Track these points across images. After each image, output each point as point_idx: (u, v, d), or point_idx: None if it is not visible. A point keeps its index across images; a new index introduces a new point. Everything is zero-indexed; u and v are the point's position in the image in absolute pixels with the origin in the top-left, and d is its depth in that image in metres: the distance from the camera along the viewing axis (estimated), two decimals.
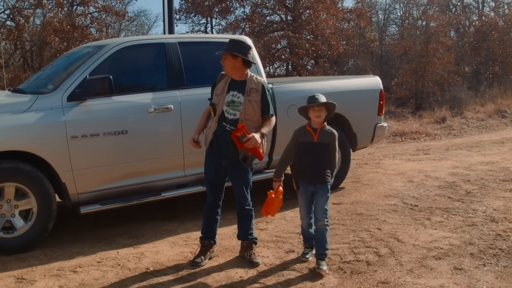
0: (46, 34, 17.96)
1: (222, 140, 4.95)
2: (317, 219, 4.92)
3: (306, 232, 5.20)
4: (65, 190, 5.66)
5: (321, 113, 4.92)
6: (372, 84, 8.24)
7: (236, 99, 4.94)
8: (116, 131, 5.80)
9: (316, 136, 4.94)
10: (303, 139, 5.01)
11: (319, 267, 4.80)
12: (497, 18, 28.17)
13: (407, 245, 5.46)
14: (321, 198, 4.93)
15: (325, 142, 4.95)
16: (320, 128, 4.96)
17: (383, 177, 8.84)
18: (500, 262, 4.96)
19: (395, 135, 15.22)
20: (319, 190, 4.94)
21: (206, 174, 5.18)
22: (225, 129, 4.91)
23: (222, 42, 7.02)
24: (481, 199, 7.14)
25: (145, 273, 4.88)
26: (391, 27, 38.47)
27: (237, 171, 5.06)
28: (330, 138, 4.96)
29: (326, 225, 4.89)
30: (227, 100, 4.93)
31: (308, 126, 5.02)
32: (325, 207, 4.91)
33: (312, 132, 4.97)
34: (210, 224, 5.21)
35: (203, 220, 5.23)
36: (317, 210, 4.93)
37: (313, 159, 4.95)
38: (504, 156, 10.55)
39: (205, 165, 5.18)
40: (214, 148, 5.02)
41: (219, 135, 4.95)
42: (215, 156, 5.04)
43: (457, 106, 19.92)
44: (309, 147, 4.97)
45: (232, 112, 4.92)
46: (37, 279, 4.75)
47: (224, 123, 4.92)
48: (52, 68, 6.82)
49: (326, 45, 24.25)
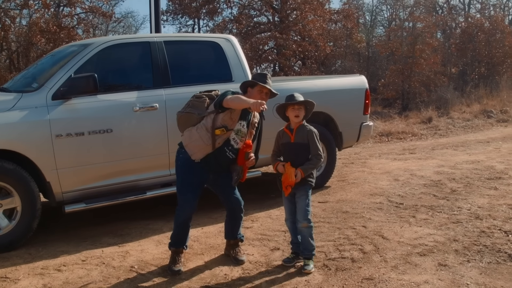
0: (33, 34, 17.88)
1: (219, 162, 4.86)
2: (298, 221, 4.90)
3: (292, 235, 5.12)
4: (50, 189, 5.64)
5: (300, 112, 4.87)
6: (358, 83, 8.27)
7: (243, 129, 4.89)
8: (101, 130, 5.79)
9: (292, 137, 4.91)
10: (282, 140, 5.00)
11: (304, 267, 4.82)
12: (483, 19, 28.35)
13: (392, 242, 5.48)
14: (299, 199, 4.89)
15: (302, 142, 4.88)
16: (296, 128, 4.92)
17: (369, 176, 8.87)
18: (484, 258, 5.00)
19: (381, 135, 15.28)
20: (297, 191, 4.89)
21: (190, 179, 4.88)
22: (225, 154, 4.85)
23: (207, 41, 7.08)
24: (466, 197, 7.19)
25: (130, 272, 4.87)
26: (378, 28, 38.69)
27: (227, 178, 5.01)
28: (308, 136, 4.87)
29: (308, 227, 4.87)
30: (236, 128, 4.83)
31: (285, 127, 5.01)
32: (305, 208, 4.86)
33: (288, 133, 4.95)
34: (185, 234, 4.99)
35: (178, 230, 4.93)
36: (298, 212, 4.90)
37: (291, 160, 4.87)
38: (489, 155, 10.62)
39: (186, 170, 4.89)
40: (208, 164, 4.84)
41: (219, 158, 4.83)
42: (202, 167, 4.87)
43: (443, 107, 20.06)
44: (287, 148, 4.95)
45: (238, 141, 4.88)
46: (21, 278, 4.73)
47: (226, 148, 4.83)
48: (37, 67, 6.80)
49: (313, 46, 24.30)
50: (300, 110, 4.88)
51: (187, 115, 4.88)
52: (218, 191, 5.14)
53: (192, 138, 4.78)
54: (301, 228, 4.88)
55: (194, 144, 4.77)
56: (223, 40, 6.99)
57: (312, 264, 4.86)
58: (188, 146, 4.82)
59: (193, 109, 4.88)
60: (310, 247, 4.90)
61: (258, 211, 6.85)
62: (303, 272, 4.76)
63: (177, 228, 4.95)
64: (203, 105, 4.86)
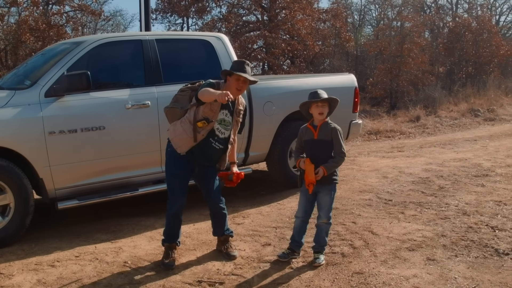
0: (21, 32, 17.77)
1: (206, 154, 4.90)
2: (320, 216, 4.96)
3: (295, 233, 5.11)
4: (43, 186, 5.67)
5: (324, 109, 4.85)
6: (347, 82, 8.34)
7: (227, 118, 4.91)
8: (93, 127, 5.83)
9: (316, 133, 4.88)
10: (305, 137, 4.97)
11: (315, 260, 4.89)
12: (470, 19, 28.51)
13: (381, 237, 5.57)
14: (323, 198, 4.91)
15: (326, 139, 4.85)
16: (320, 125, 4.89)
17: (358, 173, 8.96)
18: (471, 253, 5.10)
19: (370, 133, 15.38)
20: (321, 190, 4.89)
21: (176, 173, 4.94)
22: (211, 145, 4.88)
23: (198, 39, 7.12)
24: (454, 194, 7.30)
25: (123, 267, 4.92)
26: (367, 27, 38.82)
27: (211, 173, 5.07)
28: (332, 133, 4.83)
29: (328, 223, 4.96)
30: (219, 117, 4.85)
31: (309, 124, 4.98)
32: (329, 207, 4.92)
33: (312, 129, 4.91)
34: (177, 228, 5.06)
35: (170, 224, 5.01)
36: (320, 209, 4.95)
37: (315, 157, 4.83)
38: (476, 153, 10.76)
39: (173, 164, 4.97)
40: (194, 156, 4.88)
41: (205, 149, 4.87)
42: (188, 160, 4.92)
43: (431, 105, 20.19)
44: (310, 145, 4.90)
45: (223, 131, 4.90)
46: (15, 274, 4.76)
47: (211, 139, 4.86)
48: (29, 65, 6.81)
49: (302, 45, 24.34)
50: (324, 107, 4.86)
51: (172, 110, 4.96)
52: (201, 185, 5.17)
53: (177, 132, 4.85)
54: (321, 224, 4.96)
55: (179, 137, 4.84)
56: (214, 39, 7.05)
57: (323, 257, 4.94)
58: (174, 140, 4.89)
59: (176, 103, 4.97)
60: (324, 242, 4.99)
61: (249, 207, 6.92)
62: (314, 265, 4.84)
63: (168, 222, 5.02)
64: (186, 99, 4.93)
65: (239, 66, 4.88)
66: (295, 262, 4.96)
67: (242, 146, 6.92)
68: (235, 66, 4.91)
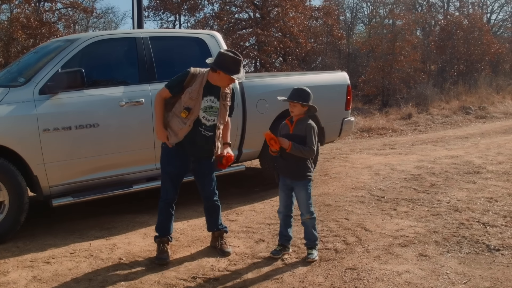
0: (13, 30, 17.71)
1: (198, 144, 4.93)
2: (302, 213, 5.01)
3: (282, 228, 5.16)
4: (37, 183, 5.67)
5: (295, 108, 4.90)
6: (340, 80, 8.39)
7: (214, 105, 4.93)
8: (88, 124, 5.83)
9: (292, 128, 4.94)
10: (283, 131, 5.02)
11: (308, 256, 4.94)
12: (461, 17, 28.66)
13: (374, 233, 5.62)
14: (299, 194, 4.98)
15: (300, 134, 4.88)
16: (296, 120, 4.95)
17: (350, 171, 9.01)
18: (463, 249, 5.15)
19: (362, 131, 15.45)
20: (296, 186, 4.97)
21: (168, 170, 5.03)
22: (201, 133, 4.91)
23: (192, 37, 7.15)
24: (445, 191, 7.36)
25: (118, 263, 4.94)
26: (358, 25, 38.91)
27: (205, 166, 5.11)
28: (306, 129, 4.88)
29: (311, 218, 4.99)
30: (204, 105, 4.86)
31: (287, 119, 5.05)
32: (307, 202, 4.95)
33: (289, 124, 4.99)
34: (168, 221, 5.09)
35: (161, 218, 5.07)
36: (300, 205, 5.00)
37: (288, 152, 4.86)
38: (467, 151, 10.84)
39: (166, 161, 5.06)
40: (185, 148, 4.94)
41: (195, 139, 4.90)
42: (182, 153, 4.97)
43: (423, 103, 20.29)
44: (286, 139, 4.90)
45: (209, 118, 4.92)
46: (10, 271, 4.77)
47: (200, 128, 4.89)
48: (22, 62, 6.82)
49: (294, 43, 24.40)
50: (295, 107, 4.90)
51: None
52: (196, 178, 5.22)
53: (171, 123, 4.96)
54: (305, 220, 5.00)
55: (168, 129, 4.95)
56: (207, 36, 7.07)
57: (316, 253, 4.98)
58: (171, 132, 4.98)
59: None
60: (313, 237, 5.02)
61: (243, 204, 6.95)
62: (307, 261, 4.89)
63: (160, 215, 5.08)
64: None
65: (236, 66, 4.84)
66: (289, 258, 5.00)
67: (235, 143, 6.95)
68: (232, 66, 4.82)
